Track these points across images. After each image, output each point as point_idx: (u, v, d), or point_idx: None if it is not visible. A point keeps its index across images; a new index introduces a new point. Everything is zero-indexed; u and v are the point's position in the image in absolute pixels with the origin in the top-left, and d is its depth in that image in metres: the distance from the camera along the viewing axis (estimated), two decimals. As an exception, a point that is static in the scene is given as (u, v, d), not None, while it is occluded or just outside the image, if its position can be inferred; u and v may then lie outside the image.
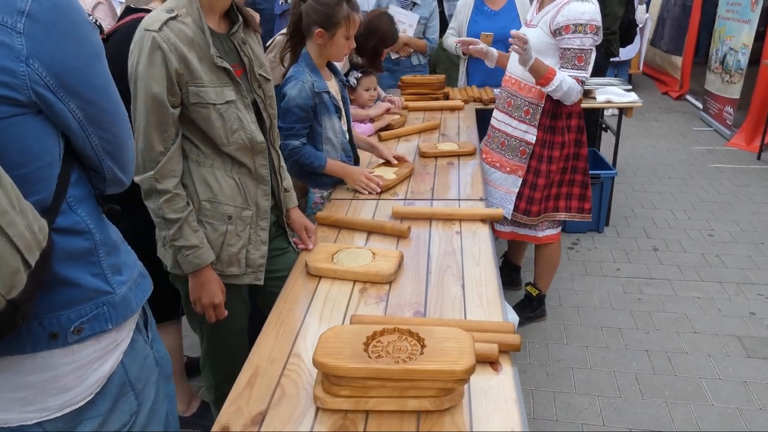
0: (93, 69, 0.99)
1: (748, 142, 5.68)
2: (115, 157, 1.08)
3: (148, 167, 1.55)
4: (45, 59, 0.91)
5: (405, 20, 4.08)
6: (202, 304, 1.68)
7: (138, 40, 1.50)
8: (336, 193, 2.38)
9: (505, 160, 2.76)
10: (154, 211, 1.59)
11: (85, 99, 0.98)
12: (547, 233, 2.87)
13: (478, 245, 1.89)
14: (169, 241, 1.61)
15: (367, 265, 1.72)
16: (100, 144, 1.04)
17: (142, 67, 1.48)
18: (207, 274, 1.66)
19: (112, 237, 1.12)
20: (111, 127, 1.05)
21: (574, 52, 2.44)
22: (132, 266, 1.17)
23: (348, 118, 2.45)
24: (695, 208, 4.45)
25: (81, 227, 1.04)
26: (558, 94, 2.47)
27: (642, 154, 5.68)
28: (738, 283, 3.41)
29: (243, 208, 1.70)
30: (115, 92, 1.05)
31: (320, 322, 1.53)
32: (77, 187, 1.04)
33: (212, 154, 1.63)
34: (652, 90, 8.24)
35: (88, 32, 0.98)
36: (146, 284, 1.21)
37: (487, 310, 1.54)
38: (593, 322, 3.08)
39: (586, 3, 2.40)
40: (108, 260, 1.08)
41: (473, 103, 3.74)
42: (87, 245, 1.05)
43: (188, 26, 1.52)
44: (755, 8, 5.61)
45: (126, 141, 1.10)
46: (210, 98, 1.56)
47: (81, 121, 0.99)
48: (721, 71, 6.22)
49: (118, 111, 1.06)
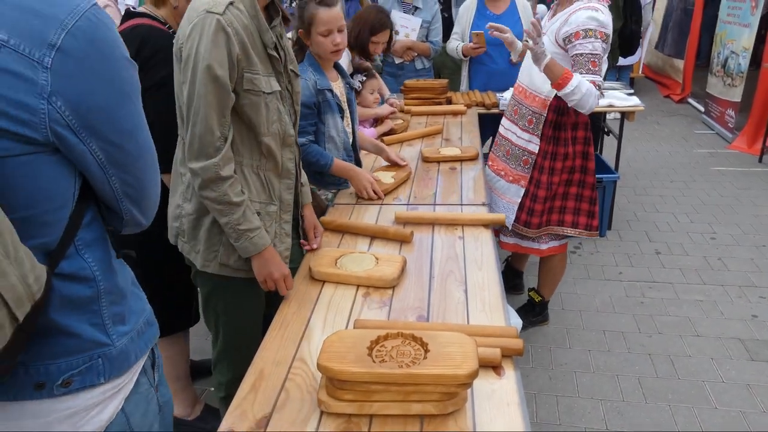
0: (122, 110, 0.93)
1: (750, 145, 5.69)
2: (136, 201, 1.01)
3: (206, 153, 1.51)
4: (70, 97, 0.84)
5: (408, 24, 4.11)
6: (274, 279, 1.68)
7: (199, 22, 1.46)
8: (339, 197, 2.39)
9: (509, 168, 2.76)
10: (217, 199, 1.55)
11: (109, 140, 0.91)
12: (550, 245, 2.85)
13: (480, 250, 1.90)
14: (233, 226, 1.58)
15: (370, 270, 1.74)
16: (120, 187, 0.97)
17: (204, 49, 1.45)
18: (270, 251, 1.67)
19: (119, 284, 1.03)
20: (134, 171, 0.98)
21: (588, 57, 2.35)
22: (139, 313, 1.09)
23: (354, 120, 2.47)
24: (697, 211, 4.45)
25: (86, 273, 0.95)
26: (575, 98, 2.34)
27: (644, 158, 5.69)
28: (740, 286, 3.41)
29: (268, 203, 1.71)
30: (145, 135, 0.99)
31: (324, 326, 1.54)
32: (89, 229, 0.97)
33: (242, 149, 1.63)
34: (654, 93, 8.24)
35: (123, 70, 0.92)
36: (151, 333, 1.12)
37: (490, 315, 1.55)
38: (596, 326, 3.09)
39: (596, 12, 2.35)
40: (111, 309, 1.00)
41: (476, 107, 3.75)
42: (89, 293, 0.96)
43: (243, 13, 1.52)
44: (755, 12, 5.62)
45: (150, 185, 1.03)
46: (262, 86, 1.57)
47: (102, 163, 0.92)
48: (722, 74, 6.23)
49: (145, 154, 1.00)
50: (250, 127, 1.61)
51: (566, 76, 2.30)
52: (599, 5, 2.38)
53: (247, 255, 1.65)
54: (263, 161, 1.67)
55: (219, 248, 1.69)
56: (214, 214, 1.60)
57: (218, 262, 1.70)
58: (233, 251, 1.68)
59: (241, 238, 1.61)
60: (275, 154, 1.68)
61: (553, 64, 2.33)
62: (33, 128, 0.82)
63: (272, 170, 1.70)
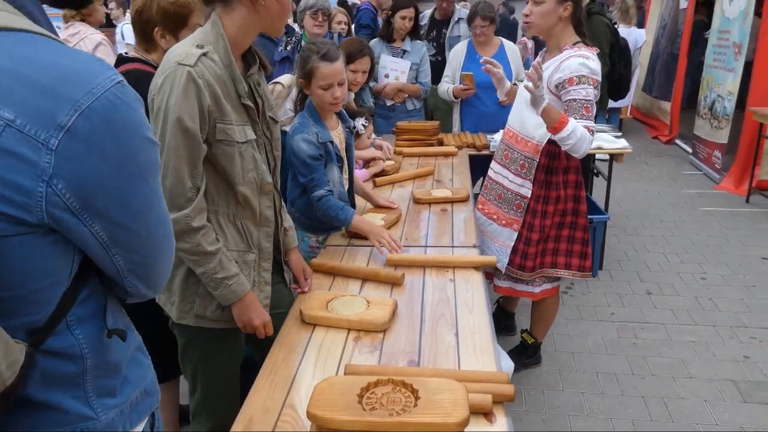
0: (132, 191, 0.87)
1: (737, 186, 5.77)
2: (142, 277, 0.96)
3: (177, 204, 1.51)
4: (73, 179, 0.79)
5: (397, 67, 4.21)
6: (254, 326, 1.68)
7: (170, 74, 1.47)
8: (331, 239, 2.40)
9: (501, 212, 2.76)
10: (191, 250, 1.54)
11: (114, 221, 0.86)
12: (543, 288, 2.85)
13: (471, 293, 1.91)
14: (210, 276, 1.58)
15: (361, 314, 1.74)
16: (125, 265, 0.91)
17: (174, 101, 1.46)
18: (251, 296, 1.66)
19: (111, 360, 0.96)
20: (142, 250, 0.93)
21: (581, 103, 2.39)
22: (135, 384, 1.02)
23: (351, 165, 2.49)
24: (687, 251, 4.49)
25: (74, 351, 0.89)
26: (570, 143, 2.35)
27: (633, 198, 5.75)
28: (731, 327, 3.42)
29: (246, 252, 1.69)
30: (157, 213, 0.94)
31: (314, 371, 1.53)
32: (85, 305, 0.91)
33: (217, 198, 1.62)
34: (642, 134, 8.38)
35: (140, 152, 0.86)
36: (148, 403, 1.06)
37: (481, 359, 1.55)
38: (589, 368, 3.07)
39: (587, 59, 2.41)
40: (97, 383, 0.93)
41: (467, 149, 3.81)
42: (74, 370, 0.90)
43: (216, 63, 1.52)
44: (738, 57, 5.78)
45: (159, 260, 0.98)
46: (235, 136, 1.57)
47: (105, 243, 0.87)
48: (709, 117, 6.36)
49: (155, 232, 0.94)
50: (224, 177, 1.60)
51: (563, 121, 2.33)
52: (589, 53, 2.45)
53: (227, 303, 1.64)
54: (240, 210, 1.66)
55: (195, 299, 1.67)
56: (190, 265, 1.59)
57: (194, 314, 1.68)
58: (209, 302, 1.66)
59: (220, 287, 1.60)
60: (252, 202, 1.67)
61: (550, 108, 2.35)
62: (28, 210, 0.77)
63: (249, 219, 1.69)
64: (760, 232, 4.82)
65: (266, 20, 1.58)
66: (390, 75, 4.20)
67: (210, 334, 1.73)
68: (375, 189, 3.00)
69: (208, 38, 1.55)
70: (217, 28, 1.55)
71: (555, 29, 2.51)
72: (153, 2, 1.94)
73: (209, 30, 1.56)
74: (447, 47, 4.69)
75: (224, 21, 1.56)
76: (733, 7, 5.97)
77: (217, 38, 1.55)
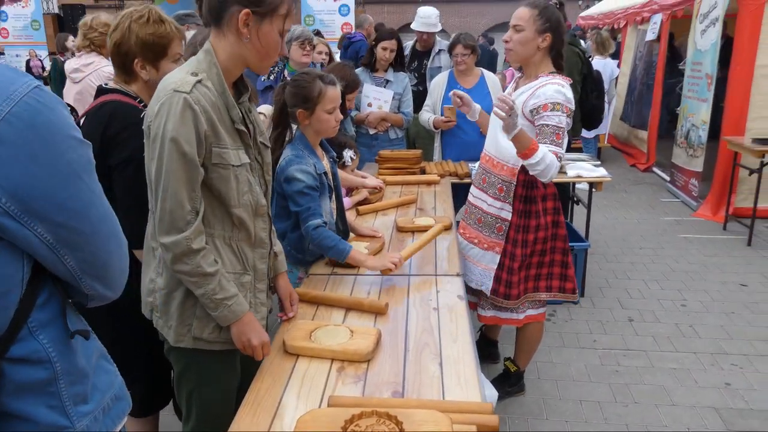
0: (68, 190, 0.89)
1: (714, 213, 5.88)
2: (97, 276, 0.97)
3: (177, 227, 1.52)
4: (7, 184, 0.81)
5: (380, 97, 4.25)
6: (252, 346, 1.67)
7: (166, 101, 1.50)
8: (314, 268, 2.39)
9: (482, 236, 2.78)
10: (191, 272, 1.55)
11: (56, 222, 0.88)
12: (527, 314, 2.85)
13: (455, 322, 1.91)
14: (209, 297, 1.58)
15: (345, 344, 1.72)
16: (77, 265, 0.93)
17: (172, 127, 1.49)
18: (249, 316, 1.67)
19: (79, 364, 0.97)
20: (89, 248, 0.94)
21: (553, 129, 2.44)
22: (104, 390, 1.04)
23: (339, 194, 2.50)
24: (667, 278, 4.54)
25: (40, 356, 0.90)
26: (539, 168, 2.39)
27: (613, 225, 5.82)
28: (712, 354, 3.44)
29: (242, 274, 1.71)
30: (100, 211, 0.95)
31: (298, 403, 1.51)
32: (45, 309, 0.92)
33: (213, 221, 1.64)
34: (621, 162, 8.53)
35: (68, 151, 0.89)
36: (120, 408, 1.07)
37: (465, 390, 1.54)
38: (572, 395, 3.07)
39: (563, 87, 2.47)
40: (70, 390, 0.94)
41: (449, 177, 3.84)
42: (45, 376, 0.91)
43: (210, 90, 1.56)
44: (711, 88, 5.95)
45: (111, 258, 0.99)
46: (231, 160, 1.60)
47: (51, 245, 0.88)
48: (686, 146, 6.51)
49: (100, 230, 0.95)
50: (220, 200, 1.63)
51: (533, 147, 2.36)
52: (564, 81, 2.51)
53: (226, 323, 1.65)
54: (235, 232, 1.69)
55: (192, 322, 1.67)
56: (189, 286, 1.60)
57: (192, 336, 1.68)
58: (207, 324, 1.67)
59: (219, 307, 1.61)
60: (247, 224, 1.70)
61: (522, 134, 2.37)
62: None
63: (245, 240, 1.72)
64: (738, 258, 4.90)
65: (251, 55, 1.60)
66: (373, 104, 4.25)
67: (207, 357, 1.73)
68: (358, 217, 3.00)
69: (202, 66, 1.58)
70: (210, 56, 1.59)
71: (533, 58, 2.57)
72: (132, 34, 1.95)
73: (202, 59, 1.60)
74: (428, 77, 4.76)
75: (216, 49, 1.59)
76: (704, 40, 6.16)
77: (210, 66, 1.58)
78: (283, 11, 1.58)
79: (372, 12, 15.91)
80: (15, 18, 17.39)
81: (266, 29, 1.57)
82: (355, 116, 4.19)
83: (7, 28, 17.47)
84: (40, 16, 17.48)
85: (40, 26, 17.48)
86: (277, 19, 1.57)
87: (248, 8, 1.52)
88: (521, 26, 2.51)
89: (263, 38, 1.57)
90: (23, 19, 17.41)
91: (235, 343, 1.68)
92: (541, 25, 2.50)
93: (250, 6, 1.52)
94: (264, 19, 1.55)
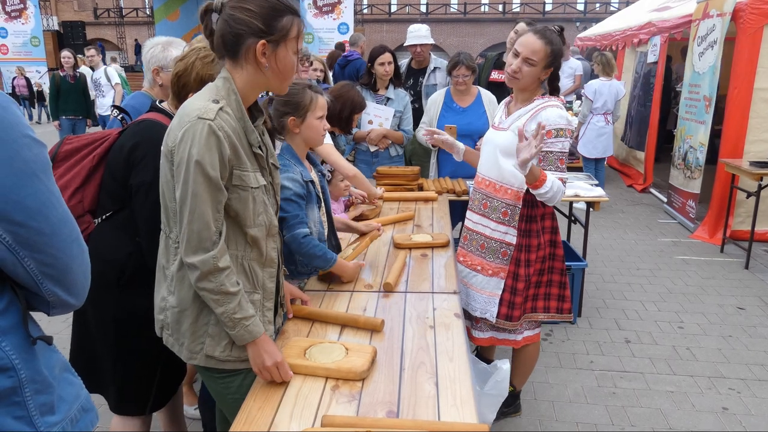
0: (26, 189, 0.89)
1: (711, 235, 5.87)
2: (58, 280, 0.96)
3: (204, 247, 1.56)
4: None
5: (381, 114, 4.26)
6: (267, 368, 1.66)
7: (190, 128, 1.54)
8: (309, 284, 2.37)
9: (486, 262, 2.72)
10: (214, 290, 1.58)
11: (14, 221, 0.88)
12: (525, 335, 2.83)
13: (451, 340, 1.88)
14: (229, 316, 1.60)
15: (339, 361, 1.70)
16: (37, 267, 0.92)
17: (197, 152, 1.52)
18: (265, 338, 1.67)
19: (43, 372, 0.96)
20: (49, 249, 0.93)
21: (557, 155, 2.47)
22: (71, 401, 1.02)
23: (328, 206, 2.49)
24: (664, 300, 4.52)
25: (4, 363, 0.90)
26: (548, 196, 2.44)
27: (611, 245, 5.81)
28: (709, 377, 3.41)
29: (252, 292, 1.72)
30: (59, 211, 0.95)
31: (290, 422, 1.48)
32: (5, 316, 0.91)
33: (227, 241, 1.66)
34: (618, 183, 8.55)
35: (22, 150, 0.89)
36: (88, 419, 1.05)
37: (461, 410, 1.51)
38: (569, 417, 3.03)
39: (562, 110, 2.49)
40: (36, 399, 0.94)
41: (446, 194, 3.83)
42: (10, 384, 0.90)
43: (230, 116, 1.60)
44: (709, 110, 5.98)
45: (71, 262, 0.98)
46: (250, 182, 1.64)
47: (10, 245, 0.88)
48: (683, 167, 6.52)
49: (60, 231, 0.95)
50: (236, 220, 1.66)
51: (542, 178, 2.40)
52: (559, 103, 2.53)
53: (242, 343, 1.66)
54: (248, 251, 1.71)
55: (205, 340, 1.70)
56: (210, 304, 1.62)
57: (204, 354, 1.70)
58: (219, 342, 1.69)
59: (237, 327, 1.63)
60: (260, 244, 1.72)
61: (534, 168, 2.39)
62: None
63: (256, 260, 1.73)
64: (735, 281, 4.89)
65: (271, 80, 1.66)
66: (374, 121, 4.25)
67: (220, 374, 1.76)
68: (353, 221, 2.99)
69: (221, 93, 1.62)
70: (228, 84, 1.63)
71: (531, 86, 2.59)
72: (193, 69, 2.04)
73: (221, 86, 1.63)
74: (424, 95, 4.78)
75: (234, 76, 1.63)
76: (702, 62, 6.20)
77: (229, 93, 1.63)
78: (295, 33, 1.63)
79: (371, 31, 16.04)
80: (15, 35, 17.52)
81: (282, 54, 1.62)
82: (355, 133, 4.19)
83: (6, 45, 17.59)
84: (40, 33, 17.61)
85: (40, 42, 17.59)
86: (290, 42, 1.63)
87: (263, 38, 1.57)
88: (534, 61, 2.49)
89: (281, 62, 1.63)
90: (23, 36, 17.53)
91: (252, 365, 1.69)
92: (550, 63, 2.53)
93: (265, 36, 1.57)
94: (279, 45, 1.60)
